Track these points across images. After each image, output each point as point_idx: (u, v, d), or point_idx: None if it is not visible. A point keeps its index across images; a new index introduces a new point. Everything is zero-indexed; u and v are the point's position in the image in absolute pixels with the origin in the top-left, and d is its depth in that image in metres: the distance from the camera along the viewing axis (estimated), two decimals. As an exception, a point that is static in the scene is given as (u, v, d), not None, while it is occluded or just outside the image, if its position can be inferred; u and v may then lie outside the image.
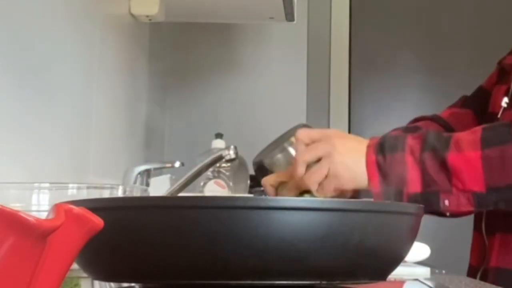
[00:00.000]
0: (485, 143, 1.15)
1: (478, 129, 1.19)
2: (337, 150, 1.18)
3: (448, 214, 1.16)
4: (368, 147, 1.19)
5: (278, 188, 1.29)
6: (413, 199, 1.15)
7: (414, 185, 1.14)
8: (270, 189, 1.29)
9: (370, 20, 3.00)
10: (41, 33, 1.37)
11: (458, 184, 1.14)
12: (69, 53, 1.53)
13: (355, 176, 1.16)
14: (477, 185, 1.13)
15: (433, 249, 1.35)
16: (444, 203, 1.14)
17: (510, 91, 1.34)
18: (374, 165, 1.16)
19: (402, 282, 1.07)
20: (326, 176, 1.16)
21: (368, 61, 2.98)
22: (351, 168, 1.17)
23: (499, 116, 1.33)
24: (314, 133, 1.23)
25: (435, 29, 2.99)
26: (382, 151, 1.17)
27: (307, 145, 1.21)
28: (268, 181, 1.30)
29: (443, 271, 1.27)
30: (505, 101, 1.34)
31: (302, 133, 1.24)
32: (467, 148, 1.15)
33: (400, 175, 1.15)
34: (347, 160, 1.17)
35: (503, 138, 1.15)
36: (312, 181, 1.18)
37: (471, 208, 1.15)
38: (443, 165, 1.14)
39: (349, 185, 1.17)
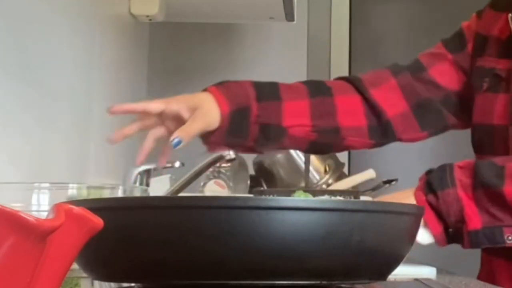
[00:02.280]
0: None
1: None
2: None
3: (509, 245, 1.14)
4: (416, 190, 1.16)
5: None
6: (474, 236, 1.12)
7: (473, 222, 1.12)
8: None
9: (370, 19, 3.00)
10: (41, 33, 1.37)
11: None
12: (69, 53, 1.53)
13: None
14: None
15: (433, 249, 1.35)
16: (508, 237, 1.13)
17: None
18: (427, 206, 1.13)
19: (402, 282, 1.07)
20: None
21: (368, 60, 2.97)
22: None
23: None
24: None
25: (435, 29, 2.99)
26: (431, 190, 1.14)
27: None
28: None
29: (443, 271, 1.27)
30: None
31: None
32: None
33: (456, 212, 1.12)
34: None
35: None
36: None
37: None
38: (502, 200, 1.12)
39: None
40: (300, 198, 0.67)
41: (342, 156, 2.46)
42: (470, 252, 1.38)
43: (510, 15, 1.28)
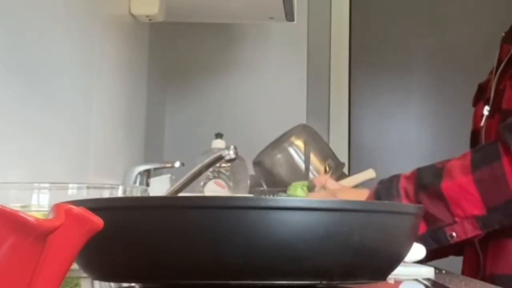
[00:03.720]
0: (475, 165, 1.16)
1: (468, 153, 1.20)
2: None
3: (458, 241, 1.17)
4: (368, 198, 1.22)
5: None
6: (424, 240, 1.16)
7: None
8: None
9: (370, 20, 3.00)
10: (41, 33, 1.37)
11: (459, 212, 1.15)
12: (69, 53, 1.53)
13: None
14: (477, 209, 1.15)
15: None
16: (451, 235, 1.15)
17: (491, 99, 1.36)
18: None
19: (402, 282, 1.07)
20: None
21: (368, 61, 2.98)
22: None
23: (482, 125, 1.35)
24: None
25: (435, 29, 2.99)
26: (379, 199, 1.19)
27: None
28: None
29: (443, 271, 1.27)
30: (486, 109, 1.36)
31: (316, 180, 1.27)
32: (459, 175, 1.16)
33: None
34: None
35: (491, 157, 1.16)
36: None
37: (479, 232, 1.16)
38: (440, 199, 1.16)
39: None
40: (300, 198, 0.67)
41: (342, 156, 2.46)
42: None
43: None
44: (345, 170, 2.15)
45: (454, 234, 1.15)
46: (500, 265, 1.25)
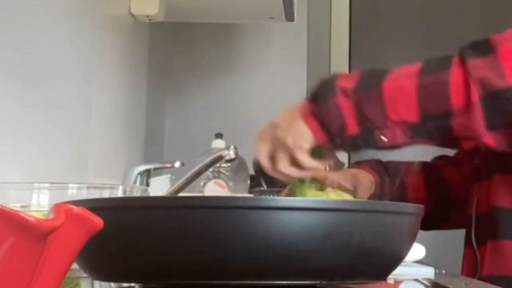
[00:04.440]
0: (423, 71, 1.13)
1: (421, 61, 1.17)
2: (277, 123, 1.18)
3: (387, 146, 1.14)
4: (304, 100, 1.17)
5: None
6: (355, 142, 1.13)
7: (352, 127, 1.12)
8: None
9: (370, 20, 3.00)
10: (41, 33, 1.37)
11: (393, 116, 1.11)
12: (69, 53, 1.53)
13: (296, 135, 1.15)
14: (412, 115, 1.10)
15: (433, 249, 1.35)
16: (381, 139, 1.12)
17: None
18: (311, 116, 1.14)
19: (402, 282, 1.07)
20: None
21: (368, 61, 2.97)
22: (288, 130, 1.16)
23: None
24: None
25: (435, 29, 2.99)
26: (316, 100, 1.15)
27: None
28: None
29: (443, 271, 1.27)
30: None
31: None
32: (403, 78, 1.12)
33: (336, 120, 1.13)
34: (284, 124, 1.17)
35: (441, 67, 1.12)
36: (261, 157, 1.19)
37: (407, 140, 1.12)
38: (378, 99, 1.11)
39: (299, 148, 1.16)
40: (300, 198, 0.67)
41: (342, 156, 2.46)
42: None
43: None
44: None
45: (383, 138, 1.12)
46: (498, 266, 1.25)
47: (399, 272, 0.80)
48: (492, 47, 1.13)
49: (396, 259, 0.74)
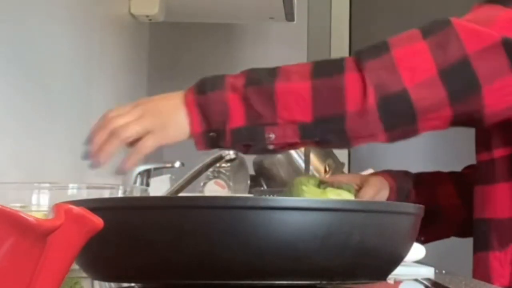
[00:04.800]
0: (316, 73, 1.11)
1: (309, 62, 1.15)
2: (149, 101, 1.15)
3: (272, 147, 1.11)
4: (188, 90, 1.13)
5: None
6: (236, 135, 1.09)
7: (236, 119, 1.09)
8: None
9: (370, 20, 3.00)
10: (41, 32, 1.37)
11: (284, 115, 1.09)
12: (69, 52, 1.53)
13: (173, 124, 1.12)
14: (304, 116, 1.09)
15: (433, 249, 1.35)
16: (269, 136, 1.09)
17: None
18: (193, 106, 1.10)
19: (402, 282, 1.07)
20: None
21: (368, 61, 2.97)
22: (167, 115, 1.12)
23: None
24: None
25: (435, 29, 2.99)
26: (202, 91, 1.11)
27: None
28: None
29: (443, 271, 1.27)
30: None
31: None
32: (296, 79, 1.11)
33: (221, 112, 1.09)
34: (161, 106, 1.12)
35: (336, 69, 1.11)
36: (121, 138, 1.10)
37: (297, 140, 1.10)
38: (269, 97, 1.09)
39: (168, 137, 1.13)
40: (300, 198, 0.67)
41: (342, 156, 2.46)
42: (470, 252, 1.38)
43: None
44: (345, 170, 2.15)
45: (272, 135, 1.09)
46: (484, 278, 1.25)
47: (399, 272, 0.80)
48: (388, 48, 1.12)
49: (396, 259, 0.74)
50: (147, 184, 1.69)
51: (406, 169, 1.50)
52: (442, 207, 1.43)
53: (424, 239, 1.39)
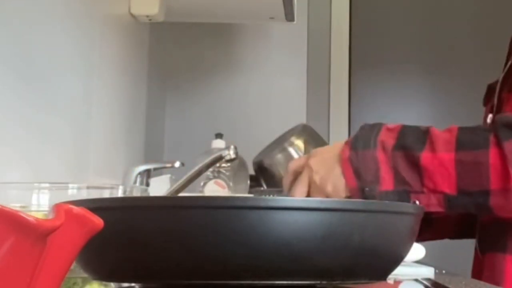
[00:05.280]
0: (460, 145, 1.14)
1: (455, 128, 1.18)
2: (312, 167, 1.20)
3: None
4: (345, 144, 1.19)
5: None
6: (384, 197, 1.15)
7: (386, 183, 1.15)
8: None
9: (370, 20, 3.00)
10: (41, 33, 1.37)
11: (430, 185, 1.13)
12: (69, 53, 1.53)
13: (334, 184, 1.17)
14: (449, 187, 1.13)
15: (433, 249, 1.35)
16: (414, 202, 1.13)
17: (494, 108, 1.34)
18: (347, 162, 1.17)
19: (402, 282, 1.07)
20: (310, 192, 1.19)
21: (368, 61, 2.97)
22: (327, 178, 1.18)
23: None
24: (296, 162, 1.25)
25: (435, 29, 2.99)
26: (355, 147, 1.17)
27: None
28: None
29: (443, 271, 1.27)
30: (489, 117, 1.35)
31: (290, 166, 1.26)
32: (441, 149, 1.14)
33: (372, 171, 1.15)
34: (322, 172, 1.18)
35: (480, 143, 1.14)
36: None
37: (441, 209, 1.14)
38: (415, 165, 1.14)
39: (326, 190, 1.18)
40: (299, 198, 0.67)
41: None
42: (470, 252, 1.38)
43: None
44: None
45: (417, 202, 1.14)
46: (494, 279, 1.24)
47: (399, 272, 0.80)
48: None
49: (396, 259, 0.74)
50: (147, 184, 1.69)
51: None
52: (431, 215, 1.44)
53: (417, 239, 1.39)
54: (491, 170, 1.11)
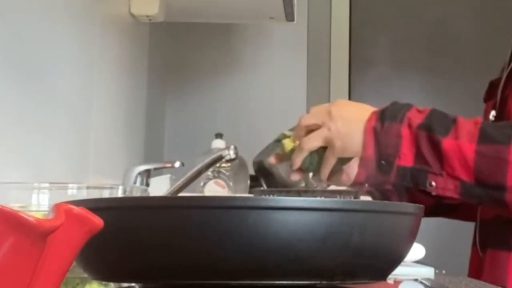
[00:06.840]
0: (483, 137, 1.15)
1: (479, 121, 1.19)
2: (333, 119, 1.20)
3: (433, 194, 1.16)
4: (373, 113, 1.21)
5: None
6: (401, 172, 1.15)
7: (406, 158, 1.15)
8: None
9: (370, 20, 3.00)
10: (41, 32, 1.37)
11: (449, 169, 1.14)
12: (69, 53, 1.53)
13: (350, 144, 1.18)
14: (467, 175, 1.14)
15: (433, 249, 1.35)
16: (431, 183, 1.14)
17: (497, 104, 1.34)
18: (371, 132, 1.17)
19: (402, 282, 1.07)
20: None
21: (368, 61, 2.97)
22: (346, 136, 1.19)
23: None
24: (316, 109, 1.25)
25: (436, 29, 2.99)
26: (382, 119, 1.18)
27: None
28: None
29: (443, 271, 1.26)
30: (492, 114, 1.35)
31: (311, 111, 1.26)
32: (464, 138, 1.15)
33: (394, 145, 1.16)
34: (342, 128, 1.19)
35: (502, 139, 1.14)
36: (306, 148, 1.22)
37: (456, 196, 1.15)
38: (437, 148, 1.15)
39: (343, 153, 1.19)
40: (300, 198, 0.67)
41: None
42: (470, 252, 1.38)
43: None
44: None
45: (434, 183, 1.14)
46: (495, 276, 1.24)
47: (399, 272, 0.80)
48: None
49: (396, 259, 0.74)
50: (147, 184, 1.69)
51: None
52: None
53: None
54: (510, 166, 1.12)
